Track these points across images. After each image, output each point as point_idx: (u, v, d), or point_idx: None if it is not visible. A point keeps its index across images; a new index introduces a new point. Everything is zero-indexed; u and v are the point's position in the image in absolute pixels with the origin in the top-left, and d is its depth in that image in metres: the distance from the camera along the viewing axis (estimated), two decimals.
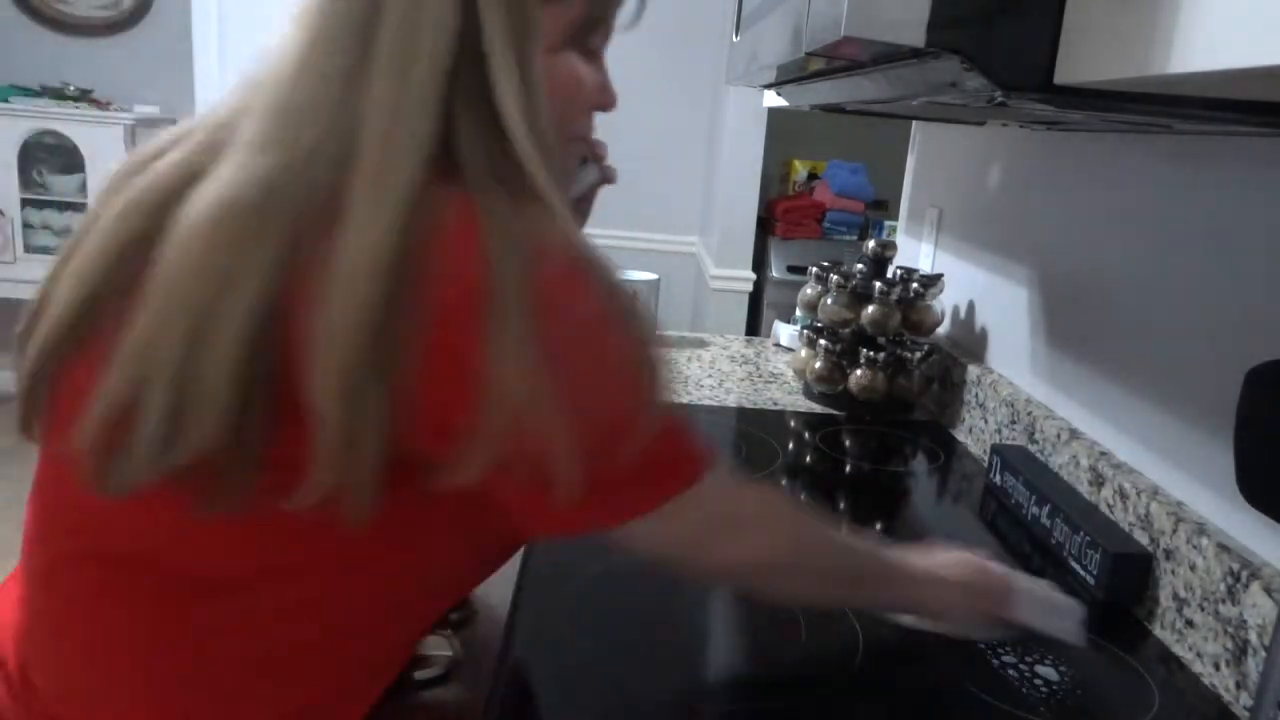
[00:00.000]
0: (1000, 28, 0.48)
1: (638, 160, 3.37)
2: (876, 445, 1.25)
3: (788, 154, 3.40)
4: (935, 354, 1.38)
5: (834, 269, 1.42)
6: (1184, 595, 0.77)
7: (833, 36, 0.52)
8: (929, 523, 1.01)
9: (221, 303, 0.48)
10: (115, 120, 3.02)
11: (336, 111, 0.50)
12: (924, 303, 1.36)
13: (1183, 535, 0.78)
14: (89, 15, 3.23)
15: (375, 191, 0.48)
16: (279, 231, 0.48)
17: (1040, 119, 0.86)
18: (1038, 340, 1.15)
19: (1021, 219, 1.22)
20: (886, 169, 2.75)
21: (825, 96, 0.94)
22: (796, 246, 3.13)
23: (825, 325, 1.41)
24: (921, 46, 0.49)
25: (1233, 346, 0.79)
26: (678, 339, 1.73)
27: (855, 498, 1.07)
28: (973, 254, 1.38)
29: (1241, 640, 0.69)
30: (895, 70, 0.61)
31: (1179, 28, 0.38)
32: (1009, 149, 1.27)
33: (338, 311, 0.47)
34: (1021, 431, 1.11)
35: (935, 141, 1.58)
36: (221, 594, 0.55)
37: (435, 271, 0.48)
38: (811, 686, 0.68)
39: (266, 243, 0.48)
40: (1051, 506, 0.93)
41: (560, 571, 0.79)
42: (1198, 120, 0.62)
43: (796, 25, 0.64)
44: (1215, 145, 0.83)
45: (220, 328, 0.47)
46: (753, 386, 1.46)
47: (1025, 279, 1.20)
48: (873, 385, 1.33)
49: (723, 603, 0.79)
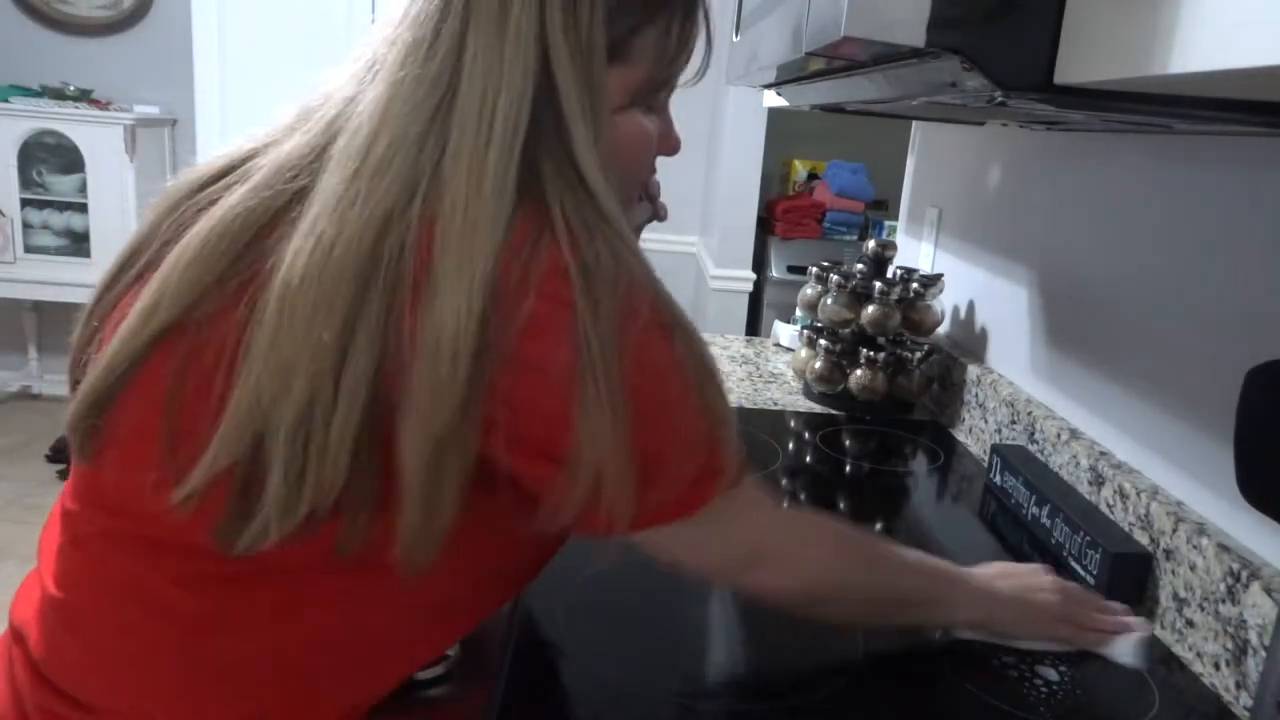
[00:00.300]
0: (1000, 28, 0.48)
1: None
2: (876, 445, 1.25)
3: (788, 154, 3.40)
4: (935, 354, 1.38)
5: (834, 269, 1.42)
6: (1184, 595, 0.77)
7: (833, 36, 0.52)
8: (929, 523, 1.01)
9: (338, 369, 0.49)
10: (115, 120, 3.02)
11: (415, 170, 0.52)
12: (924, 303, 1.36)
13: (1183, 535, 0.78)
14: (89, 15, 3.23)
15: (460, 266, 0.49)
16: (378, 299, 0.49)
17: (1040, 119, 0.86)
18: (1038, 340, 1.15)
19: (1021, 219, 1.22)
20: (886, 169, 2.75)
21: (825, 96, 0.94)
22: (796, 246, 3.13)
23: (825, 325, 1.41)
24: (921, 46, 0.49)
25: (1233, 346, 0.79)
26: None
27: (855, 498, 1.07)
28: (973, 254, 1.38)
29: (1241, 640, 0.69)
30: (895, 70, 0.61)
31: (1179, 28, 0.38)
32: (1009, 149, 1.27)
33: (424, 391, 0.49)
34: (1021, 431, 1.11)
35: (935, 141, 1.58)
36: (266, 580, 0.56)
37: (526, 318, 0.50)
38: (812, 686, 0.68)
39: (370, 308, 0.49)
40: (1051, 506, 0.93)
41: (560, 571, 0.79)
42: (1198, 120, 0.62)
43: (796, 25, 0.65)
44: (1215, 145, 0.83)
45: (337, 393, 0.49)
46: (753, 386, 1.46)
47: (1025, 279, 1.20)
48: (873, 385, 1.33)
49: (723, 603, 0.79)
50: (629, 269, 0.53)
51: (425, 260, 0.49)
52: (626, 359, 0.51)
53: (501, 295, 0.49)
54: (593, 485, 0.52)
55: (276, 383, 0.49)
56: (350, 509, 0.51)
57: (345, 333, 0.49)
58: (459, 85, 0.53)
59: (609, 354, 0.50)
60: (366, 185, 0.51)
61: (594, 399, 0.50)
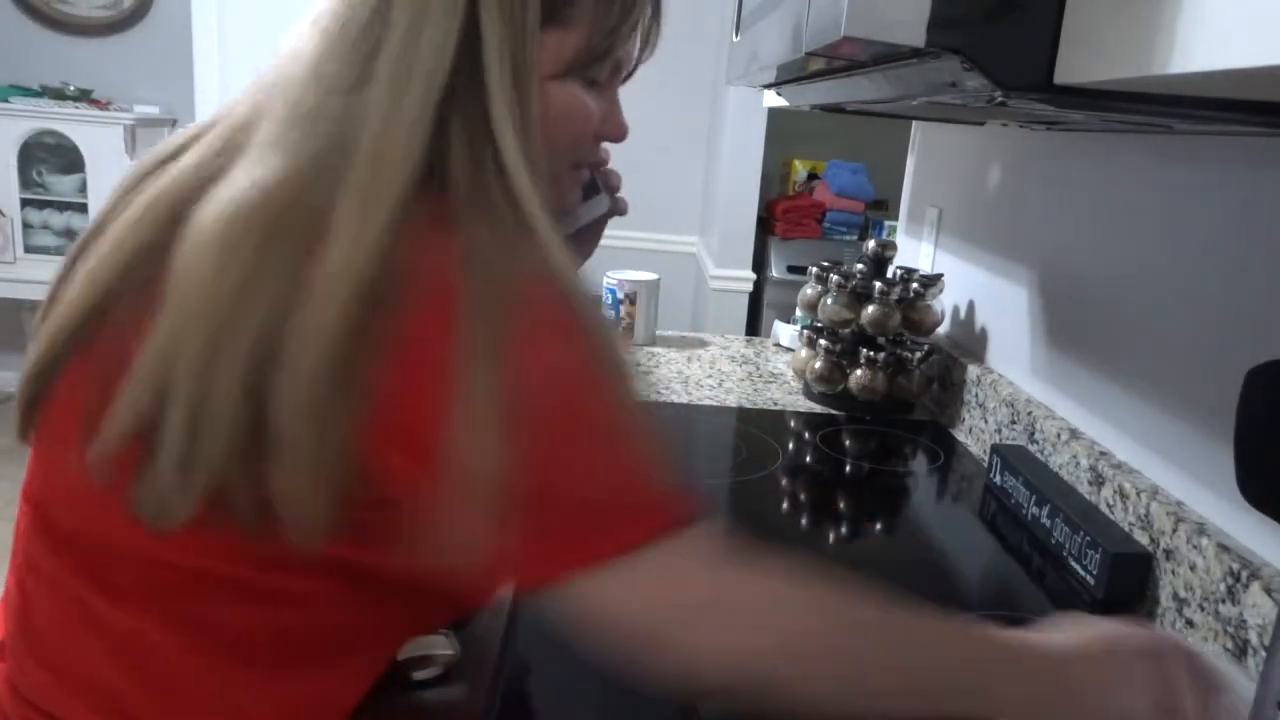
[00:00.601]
0: (1000, 28, 0.48)
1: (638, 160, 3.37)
2: (876, 445, 1.25)
3: (788, 154, 3.40)
4: (935, 354, 1.38)
5: (834, 269, 1.42)
6: (1184, 595, 0.77)
7: (833, 36, 0.52)
8: (929, 523, 1.01)
9: (236, 318, 0.47)
10: (115, 120, 3.02)
11: (339, 123, 0.50)
12: (924, 303, 1.36)
13: (1183, 535, 0.78)
14: (89, 15, 3.23)
15: (361, 210, 0.47)
16: (287, 246, 0.48)
17: (1040, 119, 0.86)
18: (1038, 340, 1.15)
19: (1021, 219, 1.22)
20: (886, 169, 2.75)
21: (825, 96, 0.94)
22: (796, 246, 3.13)
23: (825, 325, 1.41)
24: (921, 46, 0.49)
25: (1233, 346, 0.79)
26: (678, 339, 1.73)
27: (855, 498, 1.07)
28: (973, 254, 1.38)
29: (1241, 640, 0.69)
30: (895, 70, 0.61)
31: (1179, 28, 0.38)
32: (1009, 149, 1.27)
33: (311, 333, 0.46)
34: (1021, 431, 1.11)
35: (935, 141, 1.58)
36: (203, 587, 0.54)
37: (409, 305, 0.47)
38: None
39: (274, 257, 0.48)
40: (1051, 506, 0.93)
41: None
42: (1198, 120, 0.62)
43: (796, 25, 0.64)
44: (1215, 145, 0.83)
45: (232, 343, 0.47)
46: (753, 386, 1.46)
47: (1025, 279, 1.20)
48: (873, 385, 1.33)
49: None
50: (528, 259, 0.50)
51: (330, 210, 0.48)
52: (515, 355, 0.47)
53: (390, 267, 0.47)
54: (480, 503, 0.46)
55: (178, 334, 0.48)
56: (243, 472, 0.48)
57: (249, 280, 0.47)
58: (384, 34, 0.51)
59: (494, 349, 0.46)
60: (285, 137, 0.51)
61: (474, 395, 0.46)
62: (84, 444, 0.51)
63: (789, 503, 1.03)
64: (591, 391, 0.49)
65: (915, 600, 0.51)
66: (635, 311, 1.65)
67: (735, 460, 1.15)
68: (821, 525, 0.99)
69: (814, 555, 0.90)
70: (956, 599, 0.83)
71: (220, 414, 0.47)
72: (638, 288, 1.64)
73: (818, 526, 0.98)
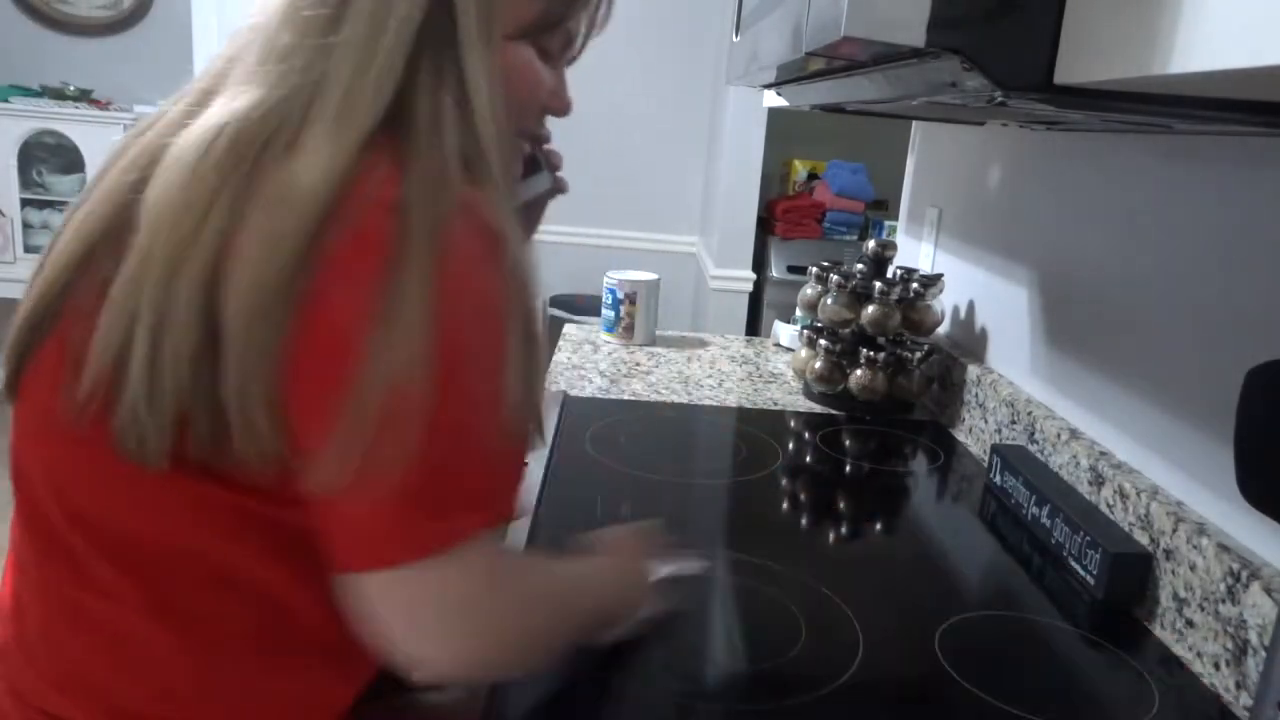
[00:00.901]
0: (1000, 28, 0.48)
1: (638, 160, 3.38)
2: (876, 445, 1.25)
3: (788, 154, 3.40)
4: (935, 354, 1.38)
5: (834, 269, 1.42)
6: (1184, 595, 0.77)
7: (833, 36, 0.52)
8: (929, 523, 1.01)
9: (196, 233, 0.48)
10: (115, 120, 3.03)
11: (312, 58, 0.52)
12: (924, 303, 1.36)
13: (1183, 535, 0.78)
14: (89, 15, 3.24)
15: (327, 134, 0.50)
16: (250, 165, 0.50)
17: (1040, 119, 0.86)
18: (1038, 340, 1.15)
19: (1021, 219, 1.22)
20: (886, 169, 2.75)
21: (825, 96, 0.94)
22: (796, 246, 3.13)
23: (825, 325, 1.41)
24: (921, 46, 0.49)
25: (1233, 346, 0.79)
26: (678, 339, 1.73)
27: (855, 498, 1.07)
28: (973, 254, 1.38)
29: (1241, 640, 0.69)
30: (895, 70, 0.61)
31: (1179, 28, 0.38)
32: (1009, 149, 1.27)
33: (259, 244, 0.48)
34: (1021, 431, 1.11)
35: (935, 141, 1.58)
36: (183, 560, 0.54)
37: (351, 223, 0.49)
38: (811, 686, 0.68)
39: (238, 173, 0.49)
40: (1051, 506, 0.93)
41: None
42: (1198, 120, 0.62)
43: (796, 25, 0.64)
44: (1215, 145, 0.83)
45: (191, 259, 0.48)
46: (753, 386, 1.46)
47: (1025, 279, 1.20)
48: (873, 385, 1.33)
49: (722, 603, 0.79)
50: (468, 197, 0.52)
51: (298, 133, 0.50)
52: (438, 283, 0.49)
53: (342, 190, 0.49)
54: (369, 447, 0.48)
55: (146, 258, 0.49)
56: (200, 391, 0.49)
57: (209, 196, 0.49)
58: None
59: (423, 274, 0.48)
60: (265, 70, 0.53)
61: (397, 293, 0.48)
62: (69, 388, 0.51)
63: (789, 503, 1.03)
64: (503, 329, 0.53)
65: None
66: (635, 311, 1.65)
67: (735, 460, 1.15)
68: (821, 525, 0.99)
69: (813, 555, 0.90)
70: (957, 599, 0.83)
71: (178, 330, 0.48)
72: (638, 288, 1.64)
73: (818, 526, 0.98)
